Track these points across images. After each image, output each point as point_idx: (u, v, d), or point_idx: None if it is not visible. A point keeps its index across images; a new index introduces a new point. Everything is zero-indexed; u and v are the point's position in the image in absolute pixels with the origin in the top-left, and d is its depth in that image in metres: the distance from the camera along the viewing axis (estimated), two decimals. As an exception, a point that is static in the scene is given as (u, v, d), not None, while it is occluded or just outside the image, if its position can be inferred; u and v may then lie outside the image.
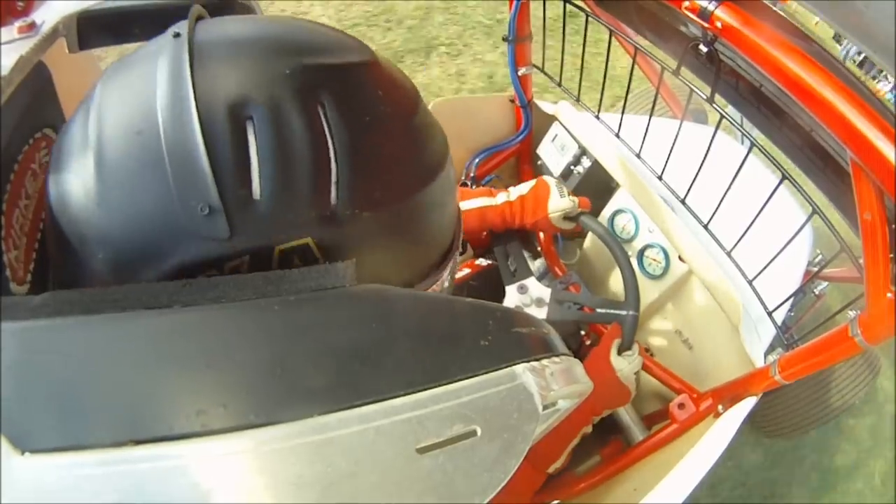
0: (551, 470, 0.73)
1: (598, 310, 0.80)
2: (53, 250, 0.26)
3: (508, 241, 0.93)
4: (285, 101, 0.24)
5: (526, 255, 0.92)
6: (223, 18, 0.29)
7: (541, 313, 0.84)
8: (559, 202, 0.82)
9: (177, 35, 0.25)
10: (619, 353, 0.76)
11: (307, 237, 0.24)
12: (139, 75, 0.25)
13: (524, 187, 0.87)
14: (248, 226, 0.23)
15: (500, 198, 0.88)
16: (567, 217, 0.84)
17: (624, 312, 0.77)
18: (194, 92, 0.23)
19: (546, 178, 0.86)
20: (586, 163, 1.03)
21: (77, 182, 0.24)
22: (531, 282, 0.87)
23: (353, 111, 0.25)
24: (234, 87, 0.23)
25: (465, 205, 0.88)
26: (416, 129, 0.29)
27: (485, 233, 0.95)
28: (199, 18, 0.28)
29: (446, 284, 0.34)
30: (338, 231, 0.25)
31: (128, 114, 0.24)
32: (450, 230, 0.33)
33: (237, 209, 0.23)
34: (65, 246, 0.25)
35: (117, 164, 0.23)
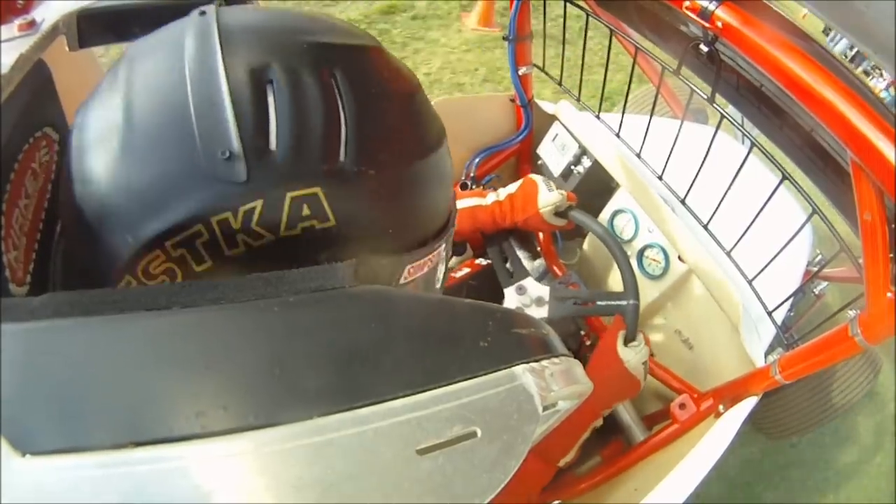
0: (562, 464, 0.73)
1: (599, 302, 0.80)
2: (68, 222, 0.28)
3: (502, 241, 0.93)
4: (302, 69, 0.27)
5: (523, 255, 0.92)
6: (243, 6, 0.31)
7: (541, 312, 0.84)
8: (548, 196, 0.83)
9: (202, 13, 0.28)
10: (625, 344, 0.76)
11: (317, 187, 0.26)
12: (168, 44, 0.27)
13: (512, 186, 0.88)
14: (263, 172, 0.25)
15: (490, 198, 0.89)
16: (558, 213, 0.84)
17: (624, 302, 0.77)
18: (222, 57, 0.26)
19: (533, 175, 0.87)
20: (586, 163, 1.03)
21: (102, 139, 0.26)
22: (529, 282, 0.87)
23: (361, 84, 0.28)
24: (257, 55, 0.26)
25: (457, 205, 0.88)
26: (415, 109, 0.32)
27: (479, 234, 0.95)
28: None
29: (441, 263, 0.36)
30: (345, 185, 0.27)
31: (156, 74, 0.26)
32: (445, 207, 0.35)
33: (254, 156, 0.25)
34: (81, 209, 0.26)
35: (145, 119, 0.25)
